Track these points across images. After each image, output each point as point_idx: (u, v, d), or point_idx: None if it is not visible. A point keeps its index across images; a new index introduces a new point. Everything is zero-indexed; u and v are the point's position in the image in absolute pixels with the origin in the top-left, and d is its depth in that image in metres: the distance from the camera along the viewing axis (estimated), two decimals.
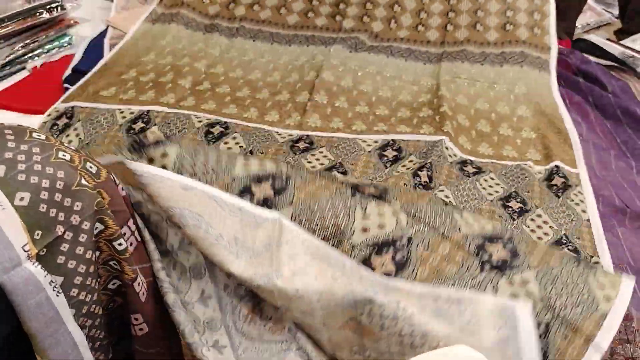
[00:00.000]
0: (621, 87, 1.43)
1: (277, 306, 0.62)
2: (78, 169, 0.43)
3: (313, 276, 0.61)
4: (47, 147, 0.42)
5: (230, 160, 0.72)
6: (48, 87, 1.30)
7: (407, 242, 0.68)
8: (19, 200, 0.38)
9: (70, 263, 0.42)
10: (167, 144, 0.72)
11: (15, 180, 0.39)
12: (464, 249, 0.68)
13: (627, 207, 1.01)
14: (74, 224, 0.42)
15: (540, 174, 1.05)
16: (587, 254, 0.87)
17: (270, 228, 0.64)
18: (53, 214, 0.40)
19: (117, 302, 0.50)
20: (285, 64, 1.43)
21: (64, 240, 0.41)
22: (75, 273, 0.42)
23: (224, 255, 0.57)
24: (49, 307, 0.40)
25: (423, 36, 1.51)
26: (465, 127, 1.20)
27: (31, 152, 0.40)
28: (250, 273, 0.58)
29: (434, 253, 0.67)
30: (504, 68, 1.41)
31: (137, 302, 0.49)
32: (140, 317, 0.50)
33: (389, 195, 0.73)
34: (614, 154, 1.19)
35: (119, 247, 0.46)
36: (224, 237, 0.58)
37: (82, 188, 0.42)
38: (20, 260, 0.38)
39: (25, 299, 0.38)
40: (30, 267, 0.38)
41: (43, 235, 0.39)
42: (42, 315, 0.39)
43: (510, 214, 0.94)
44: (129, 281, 0.48)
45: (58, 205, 0.40)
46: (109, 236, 0.45)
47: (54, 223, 0.40)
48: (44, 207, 0.40)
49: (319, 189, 0.70)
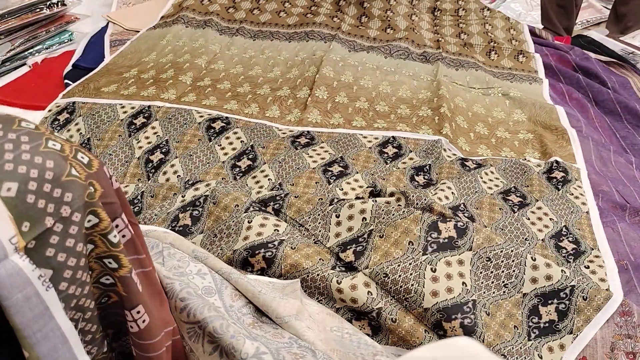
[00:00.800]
0: (621, 83, 1.43)
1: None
2: (69, 158, 0.41)
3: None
4: (36, 136, 0.40)
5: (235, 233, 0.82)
6: (49, 82, 1.30)
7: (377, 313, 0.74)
8: (6, 190, 0.37)
9: (60, 256, 0.40)
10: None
11: (2, 170, 0.37)
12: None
13: (627, 202, 1.01)
14: (64, 215, 0.40)
15: (539, 166, 1.06)
16: (587, 244, 0.87)
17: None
18: (42, 205, 0.38)
19: (112, 298, 0.48)
20: (286, 60, 1.44)
21: (53, 233, 0.40)
22: (65, 266, 0.41)
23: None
24: (38, 302, 0.39)
25: (420, 39, 1.55)
26: (465, 128, 1.21)
27: (19, 141, 0.39)
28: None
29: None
30: (496, 79, 1.45)
31: (136, 292, 0.48)
32: (142, 309, 0.49)
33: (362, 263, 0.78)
34: (613, 149, 1.19)
35: (114, 240, 0.45)
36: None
37: (72, 178, 0.40)
38: (6, 252, 0.36)
39: (11, 293, 0.37)
40: (17, 260, 0.37)
41: (31, 227, 0.38)
42: (30, 310, 0.38)
43: (510, 207, 0.94)
44: (127, 273, 0.47)
45: (47, 196, 0.39)
46: (103, 230, 0.44)
47: (43, 215, 0.39)
48: (33, 198, 0.38)
49: (302, 257, 0.77)
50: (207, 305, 0.58)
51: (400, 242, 0.78)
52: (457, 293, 0.73)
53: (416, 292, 0.72)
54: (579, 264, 0.83)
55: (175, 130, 1.10)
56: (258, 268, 0.77)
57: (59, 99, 1.19)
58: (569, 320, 0.73)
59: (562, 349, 0.72)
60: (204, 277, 0.66)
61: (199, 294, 0.61)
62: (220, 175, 1.00)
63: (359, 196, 0.92)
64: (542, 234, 0.89)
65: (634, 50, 1.56)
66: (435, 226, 0.79)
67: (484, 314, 0.73)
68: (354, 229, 0.82)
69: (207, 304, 0.58)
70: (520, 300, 0.76)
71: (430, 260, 0.76)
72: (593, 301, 0.74)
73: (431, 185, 0.98)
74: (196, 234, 0.85)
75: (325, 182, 0.97)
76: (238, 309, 0.66)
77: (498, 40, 1.60)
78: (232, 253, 0.78)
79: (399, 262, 0.75)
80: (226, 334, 0.54)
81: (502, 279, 0.77)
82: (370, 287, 0.74)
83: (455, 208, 0.90)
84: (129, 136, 1.08)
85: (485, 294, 0.76)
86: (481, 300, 0.74)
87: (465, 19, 1.73)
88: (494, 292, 0.76)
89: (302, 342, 0.61)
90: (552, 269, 0.76)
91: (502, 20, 1.71)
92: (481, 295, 0.75)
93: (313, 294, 0.75)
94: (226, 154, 1.05)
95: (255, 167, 1.02)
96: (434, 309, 0.71)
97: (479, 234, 0.79)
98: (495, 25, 1.68)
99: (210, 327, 0.55)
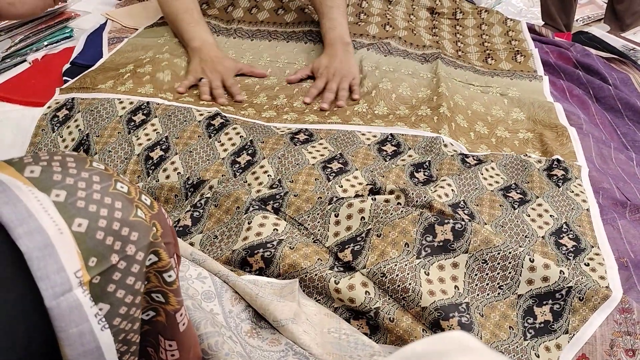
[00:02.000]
0: (622, 80, 1.43)
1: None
2: (135, 200, 0.43)
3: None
4: (106, 178, 0.42)
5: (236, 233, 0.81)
6: (49, 79, 1.29)
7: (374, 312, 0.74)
8: (77, 226, 0.38)
9: (119, 292, 0.41)
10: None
11: (75, 207, 0.38)
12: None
13: (628, 199, 1.01)
14: (129, 254, 0.41)
15: (540, 163, 1.06)
16: (587, 242, 0.87)
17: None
18: (110, 242, 0.40)
19: (144, 329, 0.49)
20: (284, 66, 1.42)
21: (116, 269, 0.41)
22: (122, 303, 0.42)
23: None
24: (91, 339, 0.39)
25: (419, 40, 1.55)
26: (465, 128, 1.20)
27: (91, 181, 0.41)
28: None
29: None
30: (495, 79, 1.44)
31: (176, 330, 0.49)
32: (174, 345, 0.50)
33: (359, 263, 0.78)
34: (614, 146, 1.18)
35: (169, 279, 0.46)
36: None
37: (138, 219, 0.42)
38: (71, 286, 0.37)
39: (68, 326, 0.38)
40: (79, 294, 0.38)
41: (98, 263, 0.39)
42: (82, 345, 0.39)
43: (511, 203, 0.94)
44: (173, 312, 0.48)
45: (115, 234, 0.40)
46: (161, 268, 0.45)
47: (110, 251, 0.40)
48: (102, 235, 0.39)
49: (301, 257, 0.77)
50: (205, 320, 0.58)
51: (397, 243, 0.78)
52: (450, 295, 0.73)
53: (414, 291, 0.72)
54: (579, 262, 0.83)
55: (175, 127, 1.09)
56: (256, 268, 0.77)
57: (57, 95, 1.19)
58: (564, 321, 0.73)
59: (559, 348, 0.72)
60: (204, 281, 0.67)
61: (198, 305, 0.61)
62: (220, 172, 1.00)
63: (359, 194, 0.92)
64: (542, 231, 0.89)
65: (635, 47, 1.55)
66: (431, 229, 0.79)
67: (477, 316, 0.73)
68: (353, 228, 0.82)
69: (206, 318, 0.59)
70: (515, 301, 0.76)
71: (423, 264, 0.76)
72: (589, 301, 0.74)
73: (431, 182, 0.98)
74: (195, 234, 0.85)
75: (325, 179, 0.97)
76: (237, 314, 0.66)
77: (494, 47, 1.60)
78: (230, 253, 0.78)
79: (395, 261, 0.75)
80: (220, 352, 0.56)
81: (497, 280, 0.77)
82: (368, 286, 0.74)
83: (455, 205, 0.90)
84: (128, 133, 1.08)
85: (479, 297, 0.76)
86: (474, 303, 0.75)
87: (462, 23, 1.72)
88: (488, 294, 0.76)
89: (298, 349, 0.62)
90: (550, 270, 0.76)
91: (500, 26, 1.70)
92: (474, 298, 0.75)
93: (311, 294, 0.75)
94: (225, 150, 1.05)
95: (255, 162, 1.01)
96: (432, 308, 0.71)
97: (477, 236, 0.78)
98: (492, 33, 1.67)
99: (205, 344, 0.56)
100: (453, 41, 1.63)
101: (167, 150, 1.04)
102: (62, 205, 0.38)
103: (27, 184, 0.38)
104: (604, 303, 0.73)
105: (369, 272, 0.75)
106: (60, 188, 0.39)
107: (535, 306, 0.75)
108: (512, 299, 0.76)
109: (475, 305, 0.74)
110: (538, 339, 0.73)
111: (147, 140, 1.06)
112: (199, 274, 0.68)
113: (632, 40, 1.60)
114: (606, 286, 0.78)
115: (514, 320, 0.75)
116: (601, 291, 0.74)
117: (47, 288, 0.36)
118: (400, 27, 1.59)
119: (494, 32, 1.68)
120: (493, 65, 1.52)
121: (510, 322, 0.74)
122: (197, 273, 0.68)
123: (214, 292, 0.66)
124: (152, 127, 1.09)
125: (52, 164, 0.40)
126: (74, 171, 0.41)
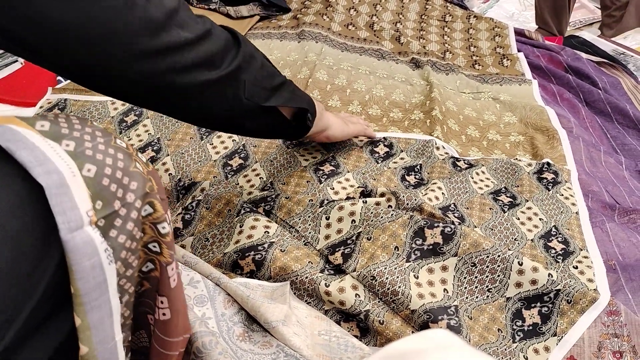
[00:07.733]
0: (612, 84, 1.44)
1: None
2: (133, 155, 0.47)
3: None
4: (106, 134, 0.45)
5: (228, 237, 0.82)
6: (41, 79, 1.29)
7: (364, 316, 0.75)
8: (86, 171, 0.41)
9: (121, 237, 0.44)
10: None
11: (84, 154, 0.42)
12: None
13: (617, 202, 1.02)
14: (129, 201, 0.44)
15: (530, 166, 1.06)
16: (576, 244, 0.88)
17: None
18: (114, 189, 0.43)
19: (144, 287, 0.52)
20: (277, 59, 1.43)
21: (118, 215, 0.43)
22: (123, 247, 0.44)
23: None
24: (100, 272, 0.42)
25: (406, 47, 1.56)
26: (456, 131, 1.21)
27: (95, 135, 0.44)
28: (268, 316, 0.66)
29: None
30: (484, 85, 1.45)
31: (167, 285, 0.51)
32: (166, 302, 0.52)
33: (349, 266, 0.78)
34: (603, 150, 1.19)
35: (163, 230, 0.48)
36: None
37: (137, 170, 0.46)
38: (83, 222, 0.40)
39: (82, 260, 0.40)
40: (90, 231, 0.40)
41: (103, 207, 0.42)
42: (93, 278, 0.41)
43: (501, 207, 0.95)
44: (165, 264, 0.50)
45: (118, 182, 0.43)
46: (155, 219, 0.48)
47: (114, 197, 0.43)
48: (107, 181, 0.42)
49: (291, 260, 0.77)
50: (199, 320, 0.59)
51: (387, 246, 0.79)
52: (439, 298, 0.74)
53: (403, 294, 0.73)
54: (568, 264, 0.84)
55: (167, 129, 1.09)
56: (247, 270, 0.77)
57: (49, 94, 1.19)
58: (552, 323, 0.74)
59: (547, 351, 0.72)
60: (196, 286, 0.67)
61: (191, 309, 0.61)
62: (212, 174, 1.00)
63: (350, 196, 0.93)
64: (532, 234, 0.89)
65: (625, 51, 1.57)
66: (421, 233, 0.80)
67: (466, 318, 0.74)
68: (343, 231, 0.83)
69: (198, 319, 0.59)
70: (504, 304, 0.77)
71: (413, 268, 0.76)
72: (577, 304, 0.74)
73: (422, 185, 0.99)
74: (186, 236, 0.85)
75: (317, 181, 0.97)
76: (229, 317, 0.66)
77: (480, 52, 1.61)
78: (222, 256, 0.78)
79: (385, 265, 0.76)
80: (214, 351, 0.56)
81: (486, 283, 0.77)
82: (358, 289, 0.75)
83: (446, 208, 0.90)
84: (120, 133, 1.08)
85: (467, 299, 0.76)
86: (463, 306, 0.75)
87: (451, 26, 1.73)
88: (477, 297, 0.77)
89: (289, 350, 0.62)
90: (538, 273, 0.76)
91: (487, 32, 1.71)
92: (463, 301, 0.76)
93: (302, 296, 0.76)
94: (217, 152, 1.05)
95: (247, 165, 1.02)
96: (421, 311, 0.71)
97: (466, 239, 0.79)
98: (479, 37, 1.69)
99: (199, 342, 0.57)
100: (441, 44, 1.64)
101: (159, 151, 1.04)
102: (73, 153, 0.41)
103: (40, 135, 0.41)
104: (592, 305, 0.74)
105: (359, 275, 0.76)
106: (69, 139, 0.42)
107: (524, 309, 0.76)
108: (500, 301, 0.77)
109: (464, 308, 0.75)
110: (527, 341, 0.73)
111: (139, 141, 1.06)
112: (191, 279, 0.68)
113: (622, 44, 1.61)
114: (594, 289, 0.79)
115: (503, 323, 0.75)
116: (589, 294, 0.75)
117: (63, 222, 0.39)
118: (386, 28, 1.61)
119: (481, 37, 1.69)
120: (481, 70, 1.53)
121: (499, 325, 0.75)
122: (190, 278, 0.68)
123: (206, 296, 0.67)
124: (143, 127, 1.09)
125: (58, 120, 0.44)
126: (78, 127, 0.44)
